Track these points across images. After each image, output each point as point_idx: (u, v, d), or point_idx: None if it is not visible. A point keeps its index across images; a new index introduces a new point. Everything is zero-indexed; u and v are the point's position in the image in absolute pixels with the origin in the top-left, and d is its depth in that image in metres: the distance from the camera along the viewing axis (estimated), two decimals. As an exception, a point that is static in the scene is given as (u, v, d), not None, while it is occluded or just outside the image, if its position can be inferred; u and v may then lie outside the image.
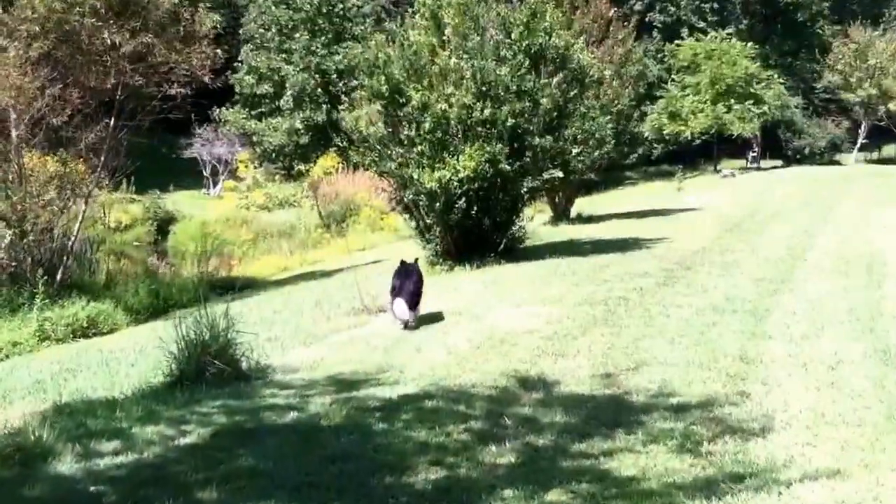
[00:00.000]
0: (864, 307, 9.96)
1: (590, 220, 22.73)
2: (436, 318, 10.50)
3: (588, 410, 6.61)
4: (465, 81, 14.52)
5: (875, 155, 51.18)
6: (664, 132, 41.05)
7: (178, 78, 16.87)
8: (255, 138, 42.02)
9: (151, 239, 36.15)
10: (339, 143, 18.97)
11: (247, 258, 25.67)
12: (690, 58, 41.82)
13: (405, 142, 14.74)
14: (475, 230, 15.00)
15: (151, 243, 35.82)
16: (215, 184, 42.25)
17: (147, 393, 7.60)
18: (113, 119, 16.98)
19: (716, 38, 42.30)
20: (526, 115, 14.78)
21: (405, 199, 15.24)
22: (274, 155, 41.87)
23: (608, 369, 7.75)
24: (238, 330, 8.08)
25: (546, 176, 14.72)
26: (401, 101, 14.71)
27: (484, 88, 14.48)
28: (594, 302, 10.74)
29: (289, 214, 34.34)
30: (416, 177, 14.26)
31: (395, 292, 10.11)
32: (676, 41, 43.52)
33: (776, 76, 41.75)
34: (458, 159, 14.13)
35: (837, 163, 45.17)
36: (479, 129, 14.44)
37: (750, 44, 41.89)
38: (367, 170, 17.14)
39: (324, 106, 39.82)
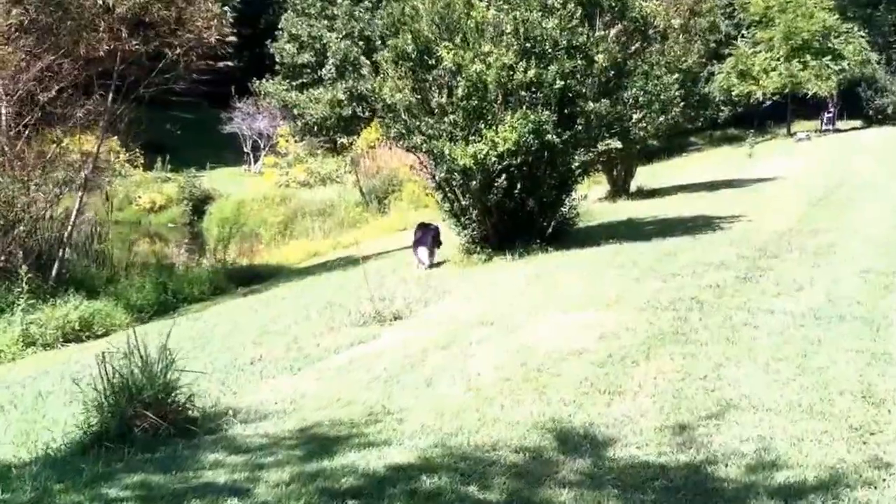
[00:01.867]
0: None
1: (652, 194, 20.31)
2: (461, 329, 8.45)
3: (657, 495, 4.54)
4: (505, 37, 12.35)
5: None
6: (733, 93, 38.09)
7: (183, 42, 14.91)
8: (295, 111, 40.15)
9: (187, 220, 34.70)
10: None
11: (276, 242, 23.79)
12: (763, 11, 38.63)
13: (436, 111, 12.64)
14: (518, 212, 12.86)
15: (187, 224, 34.41)
16: (256, 160, 40.72)
17: (53, 457, 5.67)
18: (112, 93, 15.11)
19: (789, -12, 39.10)
20: (578, 76, 12.56)
21: (437, 178, 13.14)
22: (316, 128, 39.97)
23: (682, 417, 5.63)
24: (181, 370, 6.07)
25: (601, 147, 12.47)
26: (430, 62, 12.61)
27: (528, 45, 12.29)
28: (660, 306, 8.56)
29: (330, 191, 32.52)
30: (447, 152, 12.16)
31: (417, 243, 13.44)
32: (748, -6, 40.39)
33: (856, 29, 38.39)
34: (496, 130, 12.00)
35: (926, 122, 41.83)
36: (523, 93, 12.27)
37: (827, -7, 38.65)
38: (395, 143, 15.03)
39: (367, 75, 37.69)
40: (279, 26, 42.47)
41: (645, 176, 23.92)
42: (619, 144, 12.34)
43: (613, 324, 8.01)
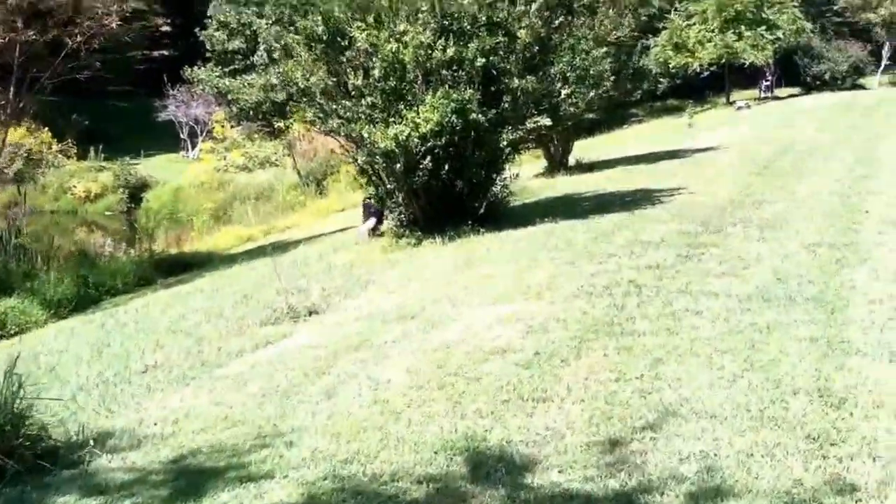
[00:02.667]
0: (978, 287, 7.02)
1: (591, 168, 19.53)
2: (378, 326, 7.62)
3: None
4: (421, 15, 11.51)
5: (899, 76, 47.66)
6: (670, 65, 37.53)
7: (84, 30, 13.83)
8: (229, 97, 38.90)
9: (123, 208, 33.62)
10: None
11: (210, 228, 22.76)
12: (694, -16, 38.19)
13: (353, 93, 11.76)
14: (447, 194, 12.04)
15: (124, 212, 33.30)
16: (193, 146, 39.49)
17: None
18: (13, 85, 14.01)
19: (722, -40, 38.57)
20: (501, 53, 11.74)
21: (359, 161, 12.28)
22: (251, 113, 38.74)
23: (614, 429, 4.87)
24: (35, 397, 5.16)
25: (530, 124, 11.66)
26: (343, 43, 11.73)
27: (445, 22, 11.47)
28: (595, 292, 7.80)
29: (269, 175, 31.50)
30: (366, 135, 11.30)
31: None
32: (679, -34, 39.78)
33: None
34: (418, 111, 11.16)
35: (861, 87, 41.66)
36: (444, 72, 11.44)
37: (760, -36, 38.17)
38: (311, 128, 14.14)
39: (279, 59, 36.55)
40: (207, 14, 41.12)
41: (584, 149, 23.21)
42: (548, 121, 11.55)
43: (544, 315, 7.23)
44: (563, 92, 11.71)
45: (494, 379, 5.82)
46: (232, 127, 36.45)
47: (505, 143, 11.66)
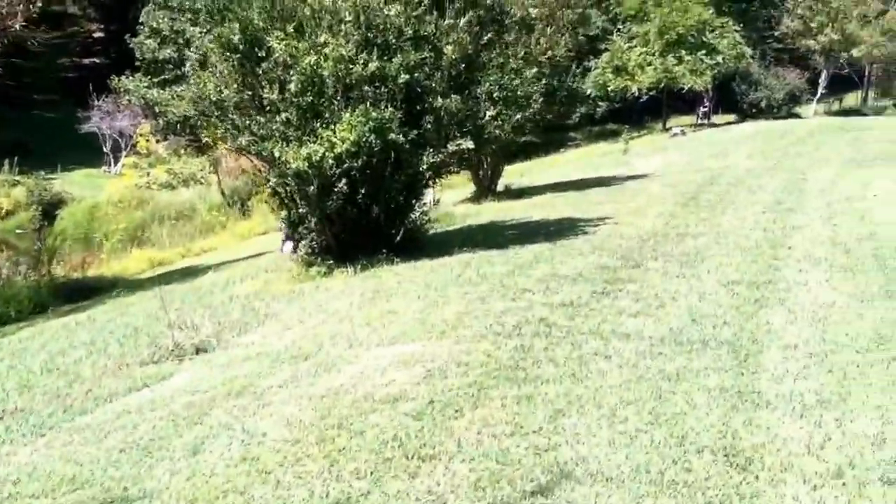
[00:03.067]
0: (898, 332, 6.70)
1: (521, 194, 19.19)
2: (267, 367, 7.08)
3: None
4: (344, 26, 11.04)
5: (835, 106, 48.29)
6: (609, 88, 37.60)
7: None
8: (157, 108, 37.93)
9: (36, 226, 32.30)
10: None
11: (124, 250, 21.89)
12: (638, 6, 38.23)
13: (268, 108, 11.24)
14: (362, 220, 11.55)
15: (36, 230, 31.99)
16: (116, 160, 38.37)
17: None
18: None
19: (666, -18, 38.80)
20: (426, 69, 11.33)
21: (270, 182, 11.74)
22: (179, 126, 37.81)
23: (502, 494, 4.43)
24: None
25: (452, 147, 11.23)
26: (260, 54, 11.19)
27: (370, 35, 11.01)
28: (503, 332, 7.36)
29: (192, 193, 30.60)
30: (277, 154, 10.76)
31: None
32: (624, -11, 39.94)
33: (731, 23, 38.35)
34: (334, 129, 10.67)
35: (796, 115, 42.01)
36: (365, 88, 10.97)
37: (703, -12, 38.46)
38: (218, 145, 13.56)
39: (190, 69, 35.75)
40: (140, 20, 40.15)
41: (516, 174, 22.95)
42: (471, 144, 11.12)
43: (445, 357, 6.76)
44: (489, 113, 11.28)
45: (380, 432, 5.33)
46: (158, 141, 35.54)
47: (425, 166, 11.21)
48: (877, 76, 49.25)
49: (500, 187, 19.79)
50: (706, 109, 42.16)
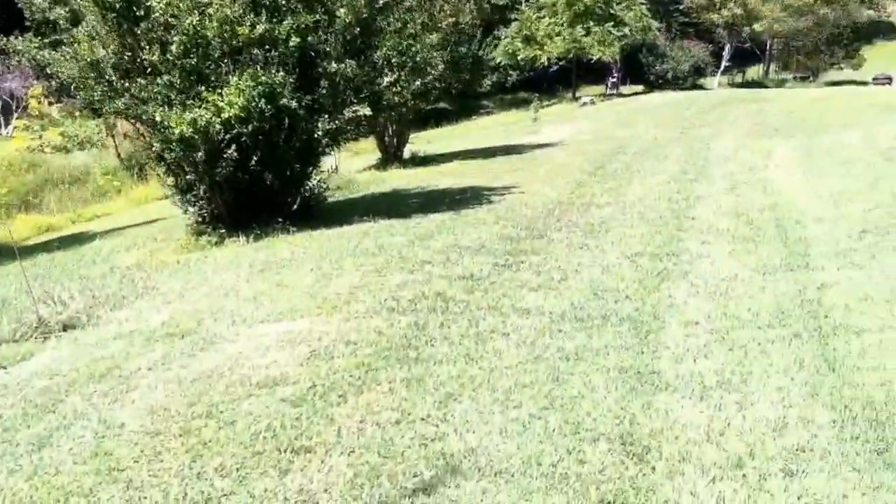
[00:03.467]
0: (799, 308, 6.50)
1: (427, 161, 18.72)
2: (139, 346, 6.54)
3: None
4: (231, -15, 10.40)
5: (738, 78, 49.01)
6: (519, 57, 37.31)
7: None
8: (48, 70, 36.29)
9: (-85, 196, 30.63)
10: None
11: (7, 215, 20.73)
12: (547, -23, 38.08)
13: (149, 70, 10.56)
14: (255, 188, 10.98)
15: (-84, 201, 30.34)
16: (7, 123, 36.62)
17: None
18: None
19: (573, -47, 38.55)
20: (320, 33, 10.76)
21: (154, 149, 11.06)
22: (73, 88, 36.27)
23: (380, 493, 4.07)
24: None
25: (348, 113, 10.70)
26: (138, 13, 10.48)
27: (260, -6, 10.41)
28: (398, 307, 6.96)
29: (88, 157, 29.27)
30: (159, 118, 10.11)
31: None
32: (529, -44, 39.57)
33: (637, -3, 38.50)
34: (221, 94, 10.06)
35: (701, 87, 42.49)
36: (255, 51, 10.37)
37: (609, -40, 38.32)
38: (99, 112, 12.76)
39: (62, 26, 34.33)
40: (31, -22, 38.25)
41: (427, 140, 22.51)
42: (367, 111, 10.62)
43: (333, 336, 6.33)
44: (386, 79, 10.77)
45: (253, 422, 4.87)
46: (51, 103, 34.00)
47: (321, 132, 10.67)
48: (778, 50, 50.11)
49: (406, 154, 19.30)
50: (615, 80, 42.25)
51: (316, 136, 10.67)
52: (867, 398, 4.76)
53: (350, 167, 18.81)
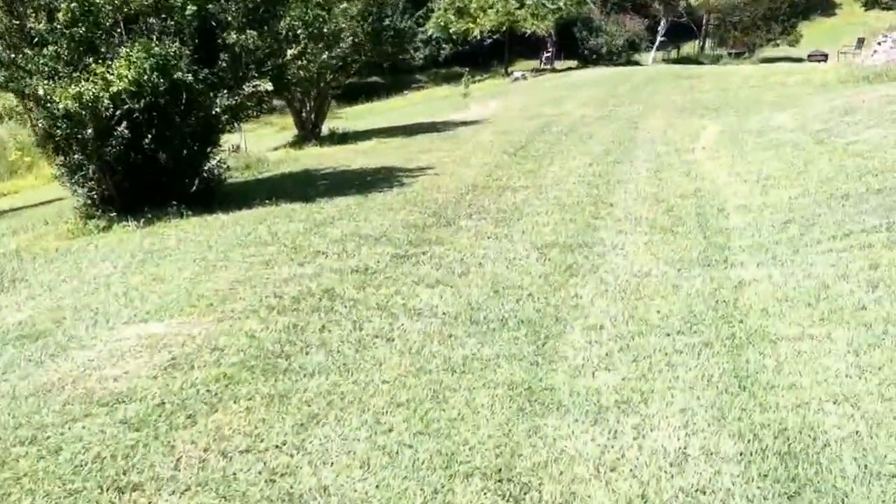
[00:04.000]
0: (713, 310, 6.01)
1: (346, 139, 17.93)
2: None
3: None
4: (123, -53, 9.59)
5: (673, 54, 48.66)
6: (451, 30, 36.61)
7: None
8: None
9: None
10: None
11: None
12: (477, -54, 37.28)
13: (36, 40, 9.72)
14: (149, 169, 10.22)
15: None
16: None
17: None
18: None
19: (508, -79, 37.82)
20: (221, 1, 9.99)
21: (40, 125, 10.23)
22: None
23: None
24: None
25: (249, 88, 9.96)
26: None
27: (150, -43, 9.60)
28: (279, 306, 6.33)
29: (4, 130, 27.93)
30: (42, 92, 9.30)
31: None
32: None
33: (572, -32, 37.88)
34: (111, 66, 9.27)
35: (636, 63, 42.04)
36: (151, 20, 9.58)
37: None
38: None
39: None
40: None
41: (352, 116, 21.76)
42: (269, 86, 9.89)
43: (199, 340, 5.68)
44: (290, 52, 10.03)
45: (81, 450, 4.23)
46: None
47: (219, 109, 9.92)
48: (714, 26, 49.86)
49: (324, 131, 18.49)
50: (549, 54, 41.67)
51: (214, 112, 9.91)
52: (780, 425, 4.26)
53: (267, 144, 18.05)
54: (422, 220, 9.16)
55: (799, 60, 42.59)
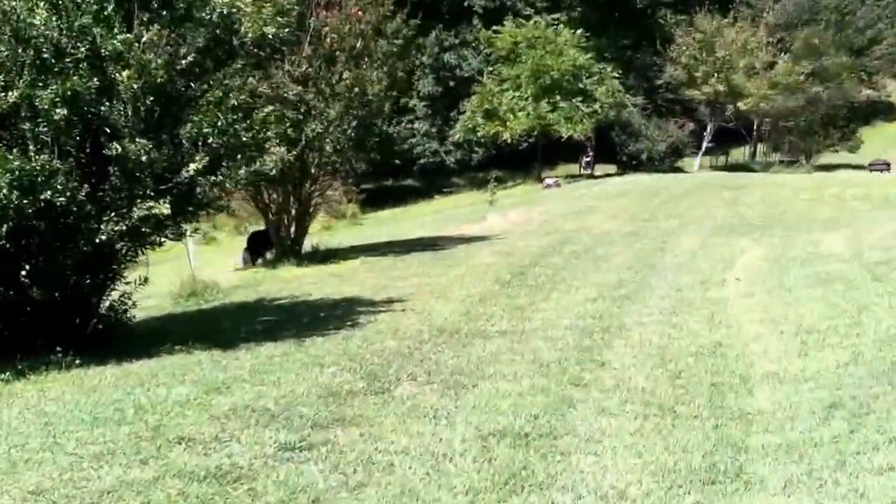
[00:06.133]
0: None
1: (328, 257, 15.75)
2: None
3: None
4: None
5: (722, 160, 46.38)
6: (479, 134, 34.95)
7: None
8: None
9: None
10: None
11: None
12: (510, 46, 35.73)
13: None
14: (28, 308, 8.19)
15: None
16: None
17: None
18: None
19: (540, 23, 36.32)
20: (110, 101, 8.06)
21: None
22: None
23: None
24: None
25: (140, 212, 7.92)
26: None
27: (20, 50, 7.76)
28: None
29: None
30: None
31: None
32: (494, 27, 37.29)
33: (609, 70, 36.05)
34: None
35: (679, 169, 39.84)
36: (26, 125, 7.73)
37: (580, 31, 36.01)
38: None
39: None
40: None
41: (368, 224, 19.85)
42: (167, 209, 7.88)
43: None
44: (193, 166, 7.98)
45: None
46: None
47: (105, 236, 7.89)
48: (767, 130, 47.51)
49: (307, 247, 16.34)
50: (588, 159, 39.81)
51: (98, 240, 7.87)
52: None
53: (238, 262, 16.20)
54: (349, 383, 6.98)
55: (859, 167, 40.08)
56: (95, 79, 7.65)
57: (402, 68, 16.56)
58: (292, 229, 15.89)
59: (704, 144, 43.66)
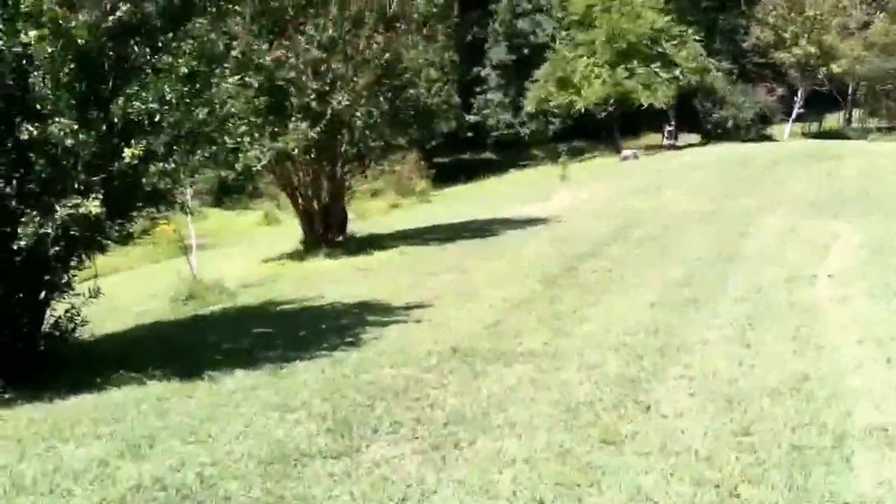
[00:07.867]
0: None
1: (364, 246, 14.04)
2: None
3: None
4: None
5: (814, 127, 43.10)
6: (551, 104, 32.80)
7: None
8: None
9: None
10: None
11: None
12: (584, 10, 33.40)
13: None
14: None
15: None
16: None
17: None
18: None
19: (617, -15, 33.88)
20: (25, 70, 6.48)
21: None
22: None
23: None
24: None
25: (64, 210, 6.33)
26: None
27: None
28: None
29: None
30: None
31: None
32: (570, -10, 34.99)
33: (691, 32, 33.43)
34: None
35: (768, 138, 36.97)
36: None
37: (660, -7, 33.53)
38: None
39: None
40: None
41: (435, 200, 18.12)
42: (96, 206, 6.26)
43: None
44: (129, 151, 6.34)
45: None
46: None
47: (25, 241, 6.31)
48: (862, 95, 43.98)
49: (345, 234, 14.62)
50: (671, 129, 37.21)
51: (19, 245, 6.30)
52: None
53: (265, 253, 14.64)
54: (308, 440, 5.32)
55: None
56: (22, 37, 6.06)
57: (443, 31, 14.68)
58: (323, 216, 14.17)
59: (795, 110, 40.45)
